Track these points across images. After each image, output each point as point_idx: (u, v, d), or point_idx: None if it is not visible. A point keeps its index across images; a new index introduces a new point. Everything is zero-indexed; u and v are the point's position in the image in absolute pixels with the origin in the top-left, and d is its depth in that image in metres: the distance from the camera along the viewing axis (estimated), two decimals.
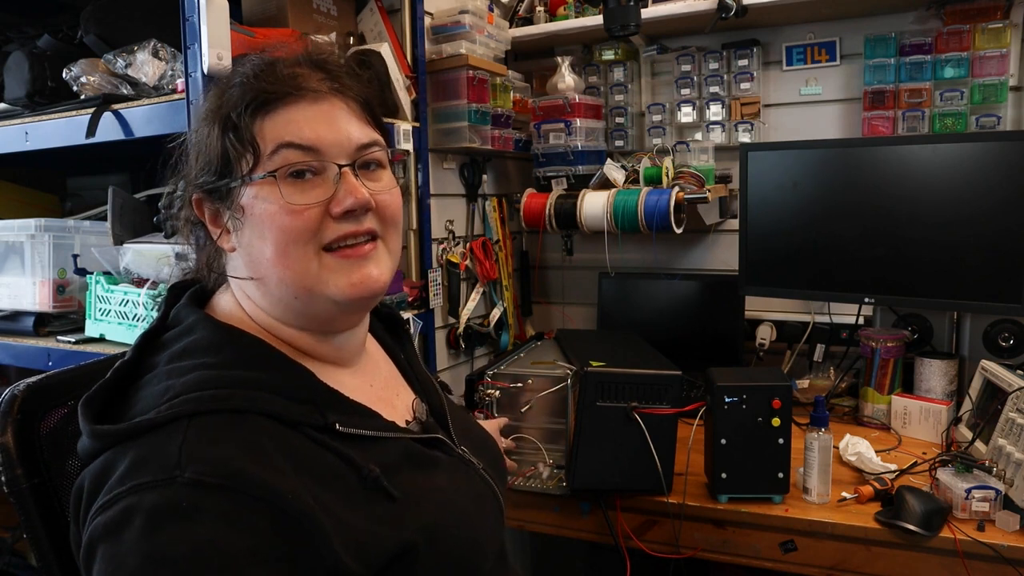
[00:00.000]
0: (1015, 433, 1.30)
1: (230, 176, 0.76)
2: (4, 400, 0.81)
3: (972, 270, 1.63)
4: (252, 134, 0.75)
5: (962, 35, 1.84)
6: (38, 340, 1.60)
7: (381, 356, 0.96)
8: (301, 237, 0.74)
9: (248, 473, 0.63)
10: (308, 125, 0.75)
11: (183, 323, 0.79)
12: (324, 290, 0.76)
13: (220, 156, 0.76)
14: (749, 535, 1.32)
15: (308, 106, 0.76)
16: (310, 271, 0.75)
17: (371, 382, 0.88)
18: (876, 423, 1.74)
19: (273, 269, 0.75)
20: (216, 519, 0.61)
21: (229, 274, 0.82)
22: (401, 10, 1.81)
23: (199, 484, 0.62)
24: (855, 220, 1.76)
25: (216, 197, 0.78)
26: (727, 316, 2.06)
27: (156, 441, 0.65)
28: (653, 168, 2.02)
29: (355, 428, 0.75)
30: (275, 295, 0.78)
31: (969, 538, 1.19)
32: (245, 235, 0.76)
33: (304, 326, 0.80)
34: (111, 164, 2.17)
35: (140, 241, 1.56)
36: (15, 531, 1.95)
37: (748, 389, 1.31)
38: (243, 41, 1.41)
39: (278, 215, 0.74)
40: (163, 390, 0.70)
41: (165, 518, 0.61)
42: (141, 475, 0.63)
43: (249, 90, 0.76)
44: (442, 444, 0.86)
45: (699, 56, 2.14)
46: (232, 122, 0.75)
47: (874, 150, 1.73)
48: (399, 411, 0.88)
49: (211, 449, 0.64)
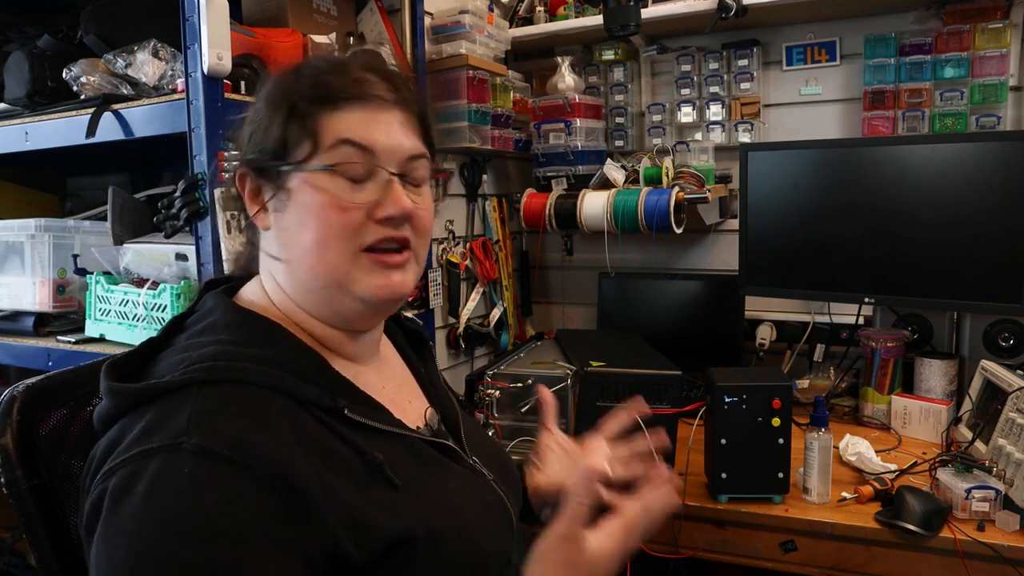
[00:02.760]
0: (1015, 433, 1.30)
1: (283, 159, 0.78)
2: (3, 401, 0.81)
3: (972, 270, 1.63)
4: (316, 125, 0.77)
5: (962, 35, 1.84)
6: (38, 340, 1.60)
7: (399, 364, 0.97)
8: (343, 233, 0.76)
9: (254, 445, 0.64)
10: (368, 128, 0.78)
11: (206, 307, 0.81)
12: (352, 287, 0.78)
13: (279, 138, 0.78)
14: (749, 535, 1.32)
15: (371, 111, 0.79)
16: (343, 267, 0.77)
17: (384, 384, 0.88)
18: (876, 423, 1.74)
19: (307, 257, 0.78)
20: (219, 489, 0.62)
21: (260, 256, 0.84)
22: (401, 10, 1.81)
23: (204, 452, 0.62)
24: (855, 220, 1.76)
25: (262, 175, 0.80)
26: (727, 316, 2.06)
27: (166, 408, 0.67)
28: (653, 168, 2.02)
29: (363, 417, 0.76)
30: (300, 280, 0.80)
31: (969, 538, 1.19)
32: (285, 218, 0.79)
33: (323, 316, 0.82)
34: (111, 164, 2.17)
35: (140, 241, 1.56)
36: (15, 531, 1.95)
37: (748, 389, 1.31)
38: (243, 41, 1.41)
39: (326, 208, 0.76)
40: (178, 360, 0.72)
41: (168, 484, 0.61)
42: (148, 441, 0.64)
43: (320, 85, 0.78)
44: (452, 452, 0.86)
45: (699, 56, 2.14)
46: (299, 110, 0.78)
47: (874, 150, 1.73)
48: (410, 416, 0.88)
49: (219, 418, 0.65)
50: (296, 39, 1.50)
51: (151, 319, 1.43)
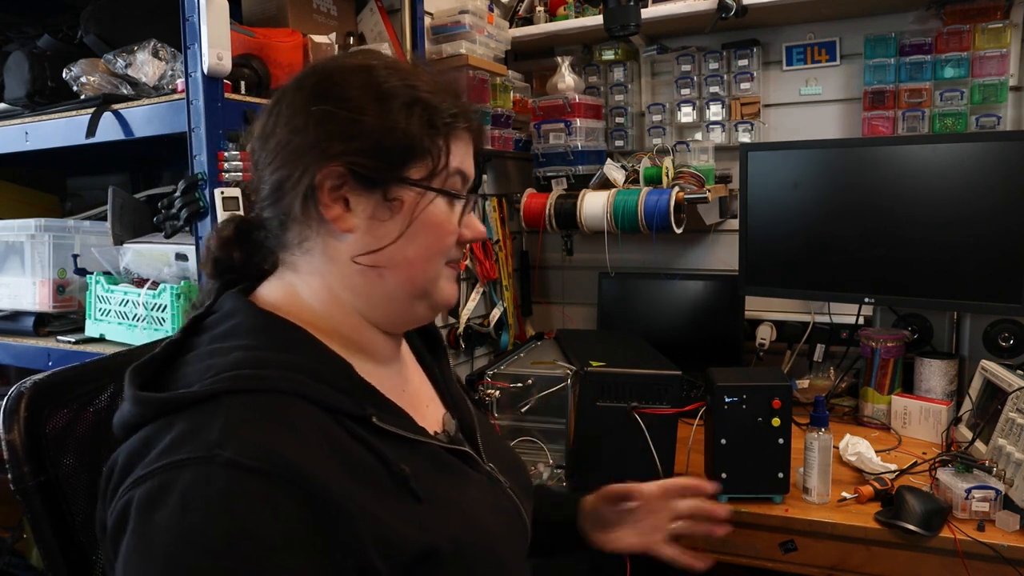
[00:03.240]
0: (1015, 433, 1.30)
1: (402, 172, 0.78)
2: (10, 398, 0.80)
3: (972, 270, 1.63)
4: (442, 146, 0.80)
5: (962, 35, 1.84)
6: (38, 340, 1.60)
7: (415, 366, 0.96)
8: (444, 252, 0.82)
9: (287, 459, 0.63)
10: (468, 157, 0.84)
11: (226, 308, 0.80)
12: (435, 295, 0.83)
13: (407, 150, 0.78)
14: (749, 535, 1.32)
15: (471, 141, 0.84)
16: (435, 279, 0.83)
17: (403, 387, 0.88)
18: (876, 423, 1.74)
19: (407, 268, 0.80)
20: (252, 504, 0.61)
21: (305, 250, 0.81)
22: (401, 10, 1.81)
23: (237, 465, 0.61)
24: (855, 220, 1.76)
25: (364, 179, 0.77)
26: (727, 316, 2.06)
27: (196, 418, 0.66)
28: (653, 168, 2.02)
29: (389, 425, 0.76)
30: (382, 288, 0.81)
31: (969, 538, 1.19)
32: (387, 226, 0.79)
33: (381, 321, 0.83)
34: (111, 164, 2.17)
35: (140, 241, 1.56)
36: (15, 531, 1.95)
37: (748, 389, 1.31)
38: (243, 41, 1.41)
39: (440, 229, 0.81)
40: (205, 368, 0.71)
41: (200, 498, 0.60)
42: (179, 452, 0.63)
43: (457, 107, 0.81)
44: (469, 459, 0.86)
45: (699, 56, 2.14)
46: (436, 127, 0.79)
47: (874, 150, 1.73)
48: (428, 420, 0.87)
49: (251, 430, 0.64)
50: (296, 39, 1.50)
51: (151, 319, 1.43)
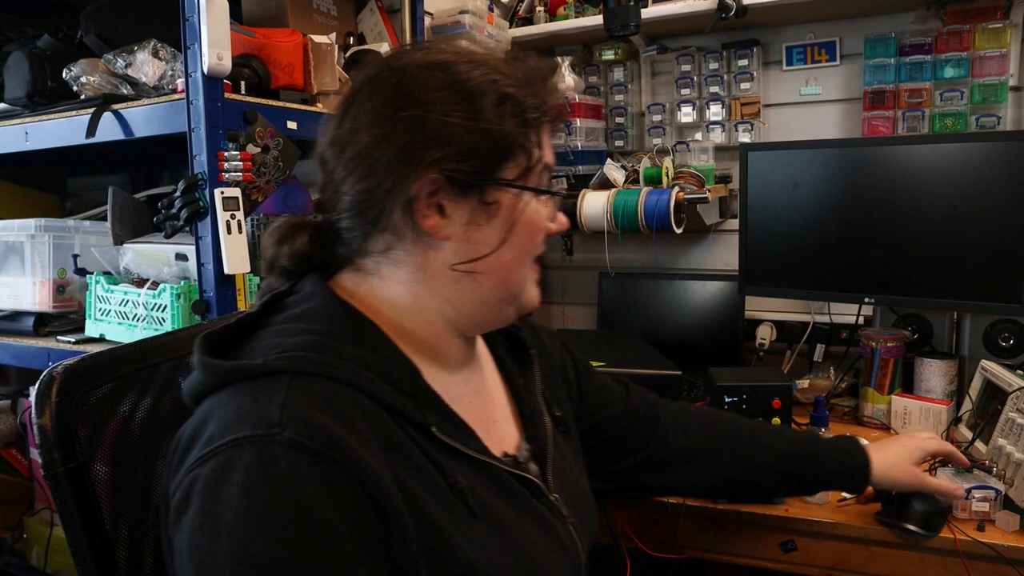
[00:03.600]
0: (1015, 433, 1.30)
1: (497, 173, 0.75)
2: (42, 382, 0.80)
3: (972, 270, 1.63)
4: (536, 143, 0.77)
5: (962, 35, 1.84)
6: (38, 340, 1.60)
7: (493, 376, 0.91)
8: (536, 250, 0.80)
9: (346, 445, 0.62)
10: (551, 149, 0.81)
11: (306, 290, 0.78)
12: (524, 296, 0.81)
13: (502, 150, 0.75)
14: (749, 535, 1.32)
15: (552, 133, 0.81)
16: (525, 280, 0.81)
17: (472, 397, 0.83)
18: (876, 423, 1.74)
19: (502, 271, 0.78)
20: (315, 487, 0.60)
21: (390, 257, 0.77)
22: (401, 10, 1.81)
23: (299, 446, 0.60)
24: (855, 220, 1.76)
25: (461, 184, 0.74)
26: (727, 316, 2.06)
27: (256, 394, 0.65)
28: (653, 168, 2.02)
29: (449, 438, 0.73)
30: (475, 293, 0.79)
31: (969, 538, 1.18)
32: (484, 231, 0.76)
33: (461, 324, 0.81)
34: (111, 164, 2.17)
35: (140, 241, 1.56)
36: (15, 531, 1.95)
37: (748, 389, 1.31)
38: (243, 41, 1.41)
39: (535, 230, 0.79)
40: (273, 344, 0.70)
41: (264, 479, 0.60)
42: (241, 428, 0.62)
43: (542, 98, 0.77)
44: (534, 487, 0.81)
45: (699, 56, 2.14)
46: (530, 124, 0.76)
47: (874, 150, 1.73)
48: (494, 437, 0.82)
49: (311, 413, 0.63)
50: (296, 39, 1.51)
51: (151, 319, 1.43)
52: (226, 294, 1.34)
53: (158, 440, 0.88)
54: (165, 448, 0.87)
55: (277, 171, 1.40)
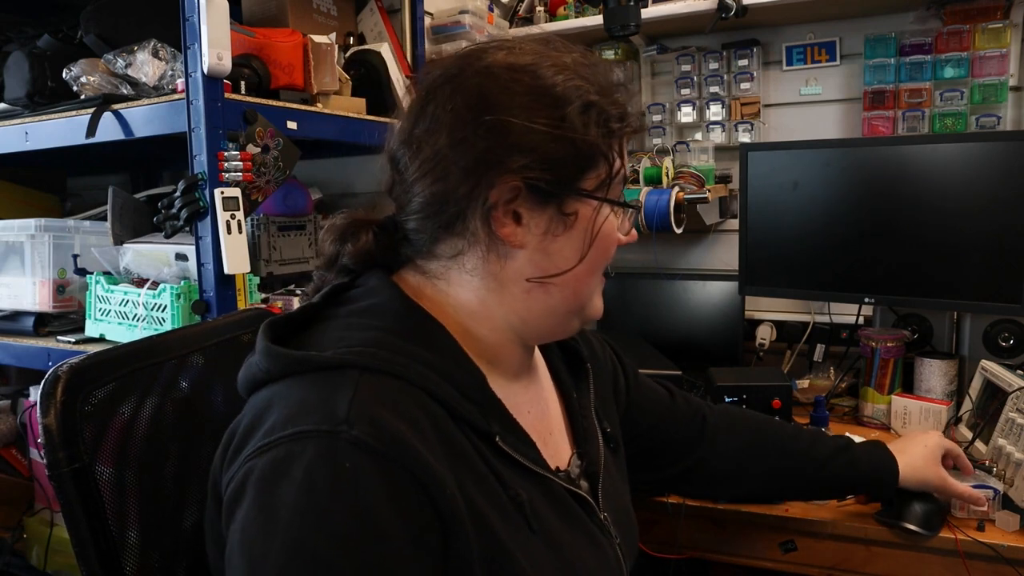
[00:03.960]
0: (1015, 433, 1.30)
1: (578, 183, 0.73)
2: (47, 381, 0.79)
3: (972, 270, 1.63)
4: (617, 153, 0.75)
5: (962, 35, 1.84)
6: (38, 340, 1.60)
7: (549, 388, 0.90)
8: (608, 262, 0.80)
9: (413, 448, 0.60)
10: (626, 159, 0.79)
11: (370, 284, 0.76)
12: (590, 307, 0.80)
13: (585, 160, 0.73)
14: (749, 535, 1.32)
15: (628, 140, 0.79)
16: (593, 291, 0.80)
17: (530, 407, 0.82)
18: (876, 423, 1.74)
19: (574, 282, 0.76)
20: (377, 489, 0.58)
21: (459, 264, 0.75)
22: (401, 10, 1.81)
23: (364, 447, 0.59)
24: (855, 220, 1.76)
25: (535, 190, 0.72)
26: (727, 316, 2.06)
27: (322, 387, 0.63)
28: (653, 168, 2.02)
29: (512, 449, 0.71)
30: (543, 303, 0.76)
31: (969, 538, 1.18)
32: (559, 241, 0.74)
33: (526, 334, 0.79)
34: (111, 164, 2.17)
35: (140, 241, 1.56)
36: (15, 531, 1.95)
37: (748, 389, 1.31)
38: (243, 41, 1.41)
39: (610, 240, 0.77)
40: (339, 338, 0.69)
41: (326, 477, 0.58)
42: (305, 421, 0.60)
43: (623, 107, 0.76)
44: (586, 504, 0.80)
45: (699, 56, 2.14)
46: (612, 133, 0.74)
47: (874, 150, 1.73)
48: (549, 449, 0.81)
49: (379, 412, 0.61)
50: (296, 39, 1.51)
51: (151, 319, 1.43)
52: (226, 294, 1.34)
53: (162, 441, 0.88)
54: (169, 449, 0.87)
55: (277, 171, 1.40)
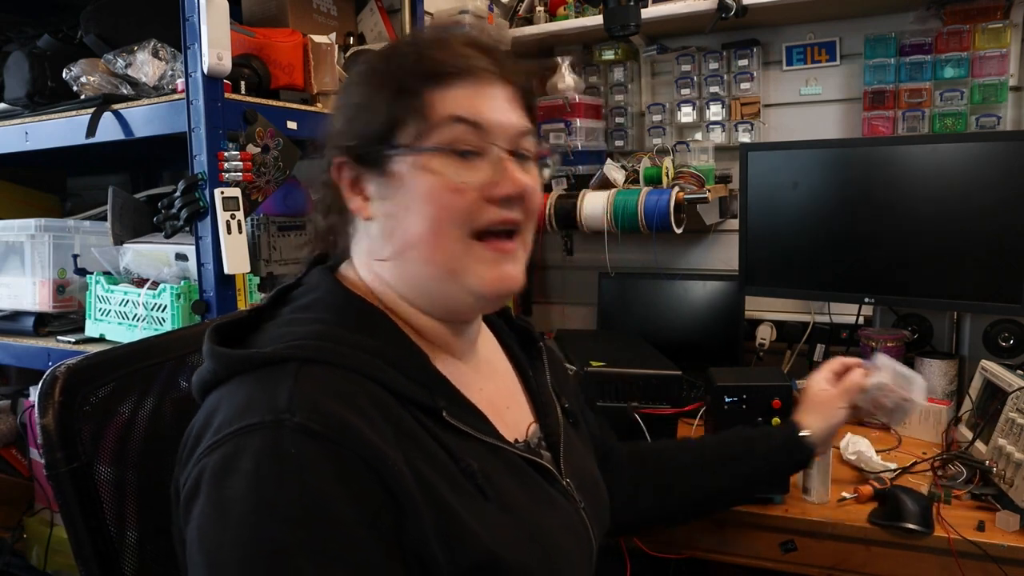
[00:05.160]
0: (1015, 433, 1.30)
1: (388, 142, 0.74)
2: (45, 382, 0.79)
3: (972, 270, 1.63)
4: (424, 103, 0.74)
5: (962, 35, 1.84)
6: (38, 340, 1.60)
7: (504, 367, 0.92)
8: (457, 217, 0.73)
9: (357, 431, 0.62)
10: (481, 104, 0.75)
11: (312, 282, 0.80)
12: (467, 279, 0.75)
13: (386, 120, 0.74)
14: (749, 535, 1.32)
15: (479, 86, 0.76)
16: (457, 254, 0.74)
17: (482, 385, 0.83)
18: (876, 423, 1.74)
19: (420, 246, 0.74)
20: (325, 472, 0.60)
21: (354, 245, 0.80)
22: (401, 10, 1.81)
23: (307, 431, 0.60)
24: (855, 220, 1.76)
25: (364, 162, 0.76)
26: (727, 316, 2.06)
27: (266, 381, 0.65)
28: (653, 168, 2.02)
29: (460, 422, 0.73)
30: (411, 272, 0.76)
31: (969, 538, 1.18)
32: (392, 205, 0.75)
33: (429, 309, 0.78)
34: (111, 164, 2.17)
35: (140, 241, 1.56)
36: (15, 531, 1.95)
37: (748, 389, 1.31)
38: (243, 41, 1.41)
39: (440, 191, 0.73)
40: (282, 334, 0.71)
41: (272, 465, 0.60)
42: (250, 416, 0.62)
43: (426, 60, 0.75)
44: (547, 472, 0.81)
45: (699, 56, 2.14)
46: (406, 88, 0.74)
47: (874, 150, 1.73)
48: (507, 423, 0.82)
49: (321, 399, 0.63)
50: (296, 39, 1.51)
51: (151, 319, 1.43)
52: (226, 294, 1.34)
53: (161, 441, 0.88)
54: (168, 449, 0.87)
55: (277, 171, 1.40)
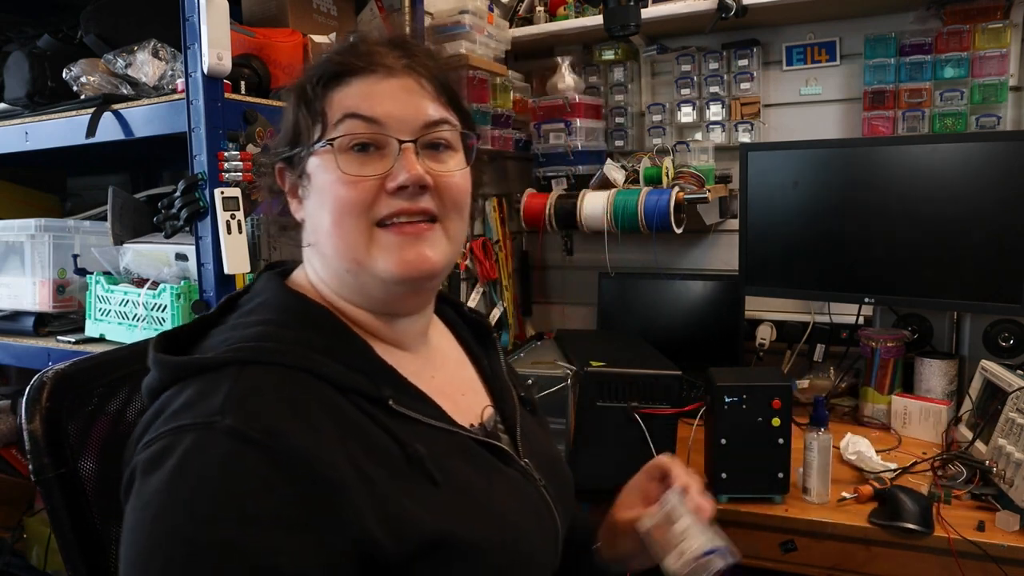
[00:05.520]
0: (1015, 433, 1.30)
1: (300, 145, 0.79)
2: (33, 387, 0.80)
3: (972, 270, 1.63)
4: (322, 104, 0.77)
5: (962, 35, 1.84)
6: (38, 340, 1.60)
7: (457, 357, 0.94)
8: (355, 209, 0.75)
9: (287, 433, 0.63)
10: (375, 98, 0.76)
11: (258, 287, 0.82)
12: (372, 266, 0.75)
13: (293, 126, 0.80)
14: (749, 535, 1.32)
15: (379, 80, 0.77)
16: (360, 244, 0.75)
17: (433, 374, 0.85)
18: (876, 423, 1.74)
19: (328, 239, 0.77)
20: (246, 475, 0.61)
21: (303, 245, 0.83)
22: (401, 10, 1.81)
23: (236, 434, 0.62)
24: (855, 220, 1.76)
25: (289, 166, 0.81)
26: (727, 316, 2.06)
27: (205, 386, 0.67)
28: (653, 168, 2.02)
29: (407, 409, 0.74)
30: (331, 266, 0.79)
31: (969, 538, 1.19)
32: (309, 204, 0.79)
33: (361, 303, 0.80)
34: (111, 164, 2.17)
35: (140, 241, 1.56)
36: (15, 531, 1.95)
37: (748, 389, 1.31)
38: (243, 41, 1.41)
39: (335, 185, 0.75)
40: (224, 339, 0.72)
41: (196, 464, 0.61)
42: (184, 417, 0.64)
43: (328, 63, 0.79)
44: (503, 454, 0.82)
45: (699, 56, 2.14)
46: (306, 94, 0.78)
47: (874, 150, 1.73)
48: (462, 410, 0.83)
49: (255, 401, 0.65)
50: (296, 39, 1.50)
51: (151, 319, 1.43)
52: (226, 294, 1.34)
53: None
54: None
55: None
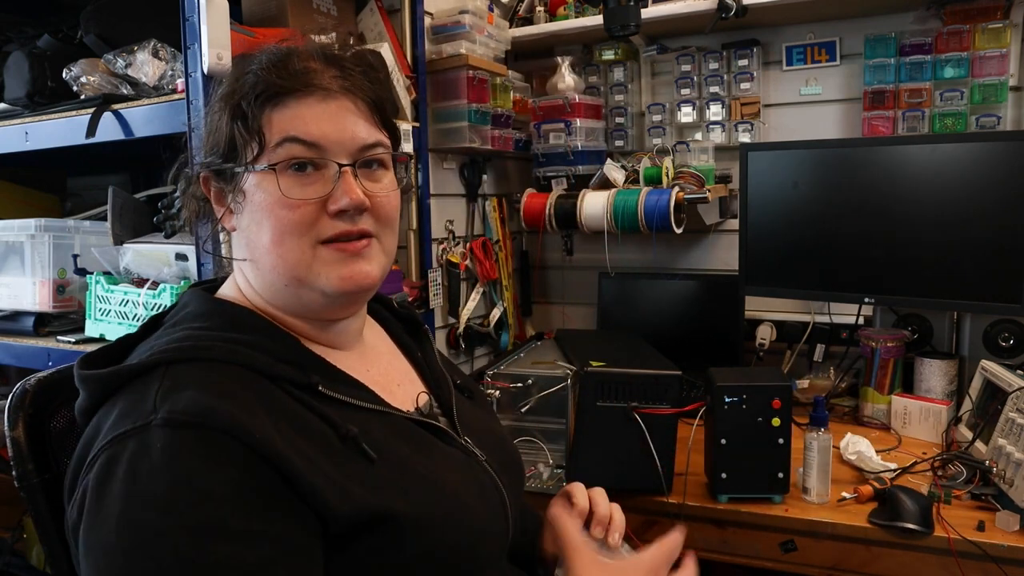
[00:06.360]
0: (1015, 433, 1.30)
1: (235, 161, 0.78)
2: (15, 394, 0.80)
3: (972, 270, 1.63)
4: (259, 124, 0.76)
5: (962, 35, 1.84)
6: (38, 340, 1.60)
7: (390, 351, 0.96)
8: (296, 230, 0.76)
9: (219, 411, 0.65)
10: (314, 122, 0.77)
11: (183, 301, 0.83)
12: (315, 281, 0.78)
13: (227, 141, 0.78)
14: (749, 535, 1.32)
15: (317, 103, 0.77)
16: (303, 262, 0.77)
17: (368, 367, 0.87)
18: (876, 423, 1.74)
19: (268, 256, 0.78)
20: (189, 455, 0.63)
21: (233, 252, 0.84)
22: (401, 10, 1.81)
23: (171, 423, 0.63)
24: (855, 220, 1.76)
25: (221, 178, 0.80)
26: (727, 316, 2.06)
27: (134, 392, 0.68)
28: (653, 168, 2.02)
29: (338, 393, 0.76)
30: (268, 279, 0.80)
31: (969, 538, 1.19)
32: (244, 219, 0.79)
33: (292, 311, 0.82)
34: (111, 164, 2.17)
35: (140, 241, 1.56)
36: (15, 531, 1.95)
37: (748, 389, 1.31)
38: (243, 41, 1.41)
39: (275, 206, 0.76)
40: (149, 348, 0.73)
41: (143, 461, 0.62)
42: (122, 425, 0.65)
43: (261, 81, 0.77)
44: (442, 433, 0.85)
45: (699, 56, 2.14)
46: (242, 110, 0.77)
47: (874, 150, 1.73)
48: (399, 398, 0.87)
49: (185, 391, 0.66)
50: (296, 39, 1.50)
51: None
52: None
53: None
54: None
55: None
